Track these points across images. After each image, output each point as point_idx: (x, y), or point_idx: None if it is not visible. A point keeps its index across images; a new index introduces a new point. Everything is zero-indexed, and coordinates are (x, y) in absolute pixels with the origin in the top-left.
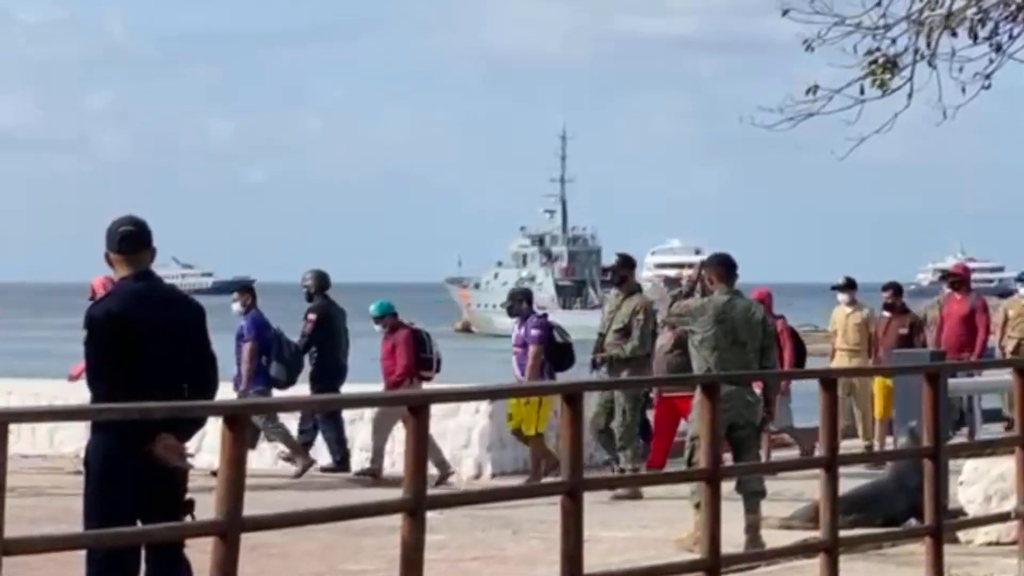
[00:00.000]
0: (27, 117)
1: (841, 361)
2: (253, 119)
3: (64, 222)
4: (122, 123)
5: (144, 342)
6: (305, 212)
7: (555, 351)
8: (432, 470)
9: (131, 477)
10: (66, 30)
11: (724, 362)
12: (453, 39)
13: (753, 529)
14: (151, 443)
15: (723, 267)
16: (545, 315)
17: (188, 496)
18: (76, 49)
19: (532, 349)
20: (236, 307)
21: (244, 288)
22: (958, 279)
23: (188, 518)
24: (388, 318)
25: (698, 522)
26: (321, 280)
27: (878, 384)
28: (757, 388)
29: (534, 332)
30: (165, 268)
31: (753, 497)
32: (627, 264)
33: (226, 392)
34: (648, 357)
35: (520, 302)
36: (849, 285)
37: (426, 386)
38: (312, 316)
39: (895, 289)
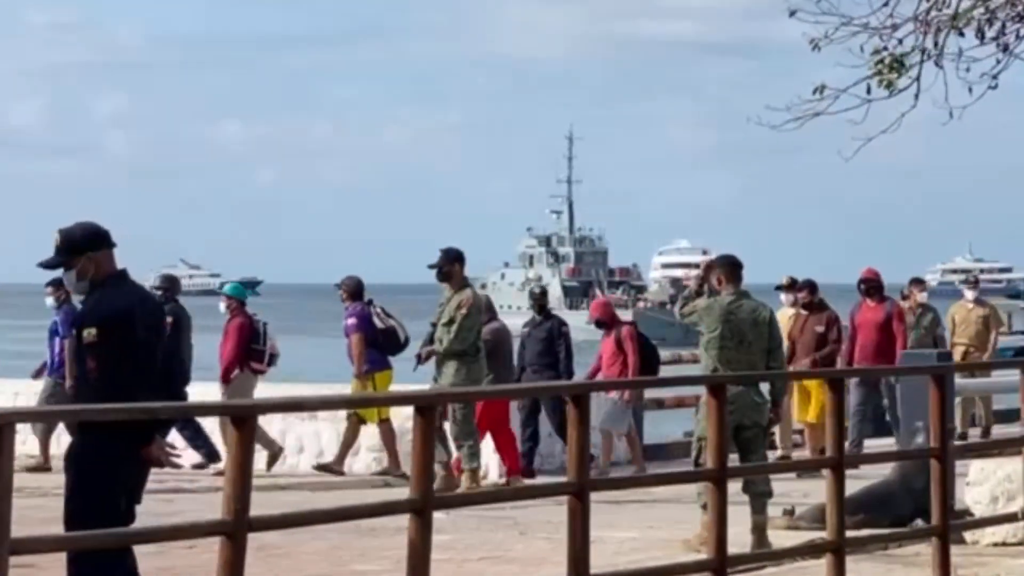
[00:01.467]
0: (35, 120)
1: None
2: (261, 122)
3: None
4: (130, 126)
5: (145, 340)
6: (313, 214)
7: (380, 336)
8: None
9: (127, 477)
10: (74, 33)
11: (730, 362)
12: (460, 43)
13: (759, 530)
14: (150, 444)
15: (730, 268)
16: (368, 302)
17: None
18: (84, 52)
19: (352, 338)
20: (49, 301)
21: (57, 283)
22: (872, 285)
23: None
24: (234, 301)
25: (705, 523)
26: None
27: (806, 387)
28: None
29: (350, 322)
30: (173, 269)
31: (760, 498)
32: (452, 259)
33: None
34: (479, 352)
35: (346, 294)
36: (791, 285)
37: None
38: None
39: (811, 287)
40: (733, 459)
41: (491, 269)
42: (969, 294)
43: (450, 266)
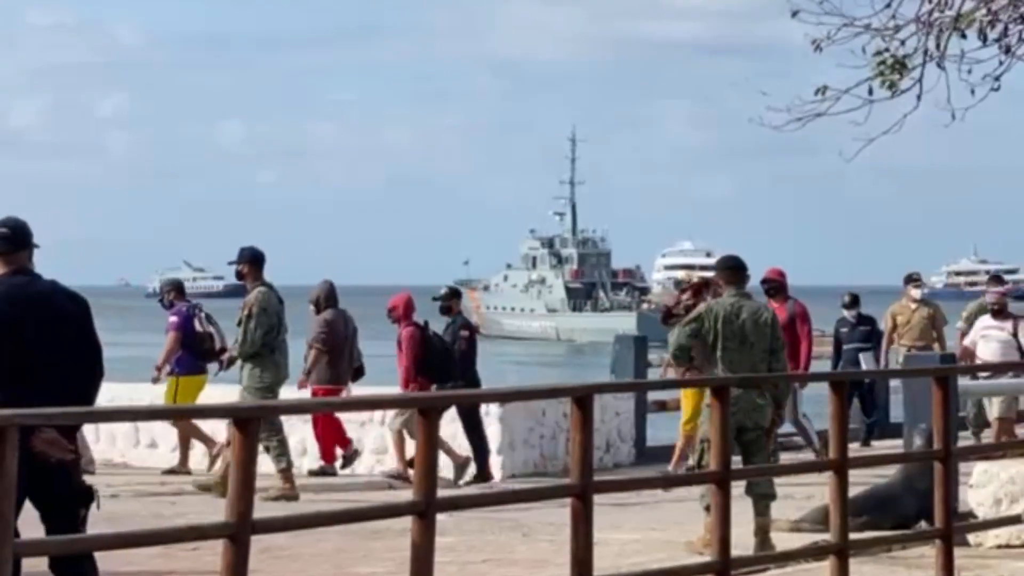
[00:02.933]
0: (36, 121)
1: None
2: (263, 123)
3: (73, 226)
4: (131, 127)
5: (26, 336)
6: (315, 215)
7: (197, 340)
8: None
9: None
10: (75, 34)
11: (732, 363)
12: (462, 44)
13: (763, 532)
14: (30, 439)
15: (731, 270)
16: (193, 305)
17: (88, 485)
18: (84, 53)
19: (168, 336)
20: None
21: None
22: (774, 285)
23: (95, 507)
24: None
25: (708, 524)
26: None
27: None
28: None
29: (171, 319)
30: (177, 271)
31: (763, 500)
32: (246, 258)
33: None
34: (273, 353)
35: (168, 293)
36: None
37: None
38: None
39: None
40: (736, 462)
41: (493, 271)
42: (914, 292)
43: (243, 266)
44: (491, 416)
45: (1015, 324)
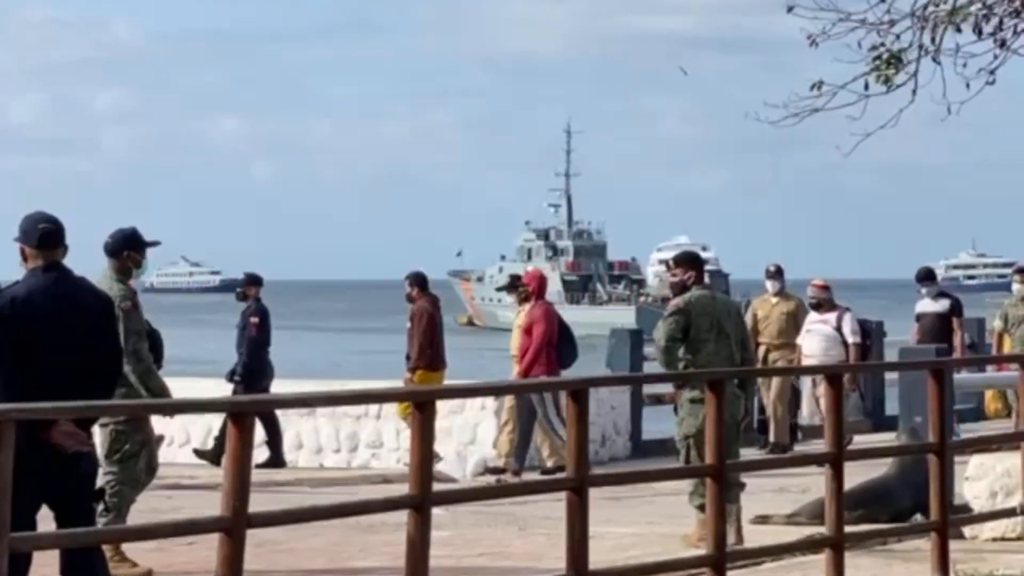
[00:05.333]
0: (34, 116)
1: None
2: (259, 118)
3: (71, 222)
4: (128, 122)
5: (47, 329)
6: (311, 210)
7: None
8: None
9: (34, 467)
10: (72, 30)
11: (711, 355)
12: (459, 39)
13: (733, 518)
14: (48, 431)
15: (698, 264)
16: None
17: (100, 485)
18: (82, 49)
19: None
20: None
21: None
22: (525, 288)
23: (101, 505)
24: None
25: (701, 519)
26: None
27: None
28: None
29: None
30: (174, 266)
31: (733, 489)
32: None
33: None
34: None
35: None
36: (779, 272)
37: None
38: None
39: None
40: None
41: (487, 263)
42: (770, 286)
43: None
44: (487, 410)
45: (839, 317)
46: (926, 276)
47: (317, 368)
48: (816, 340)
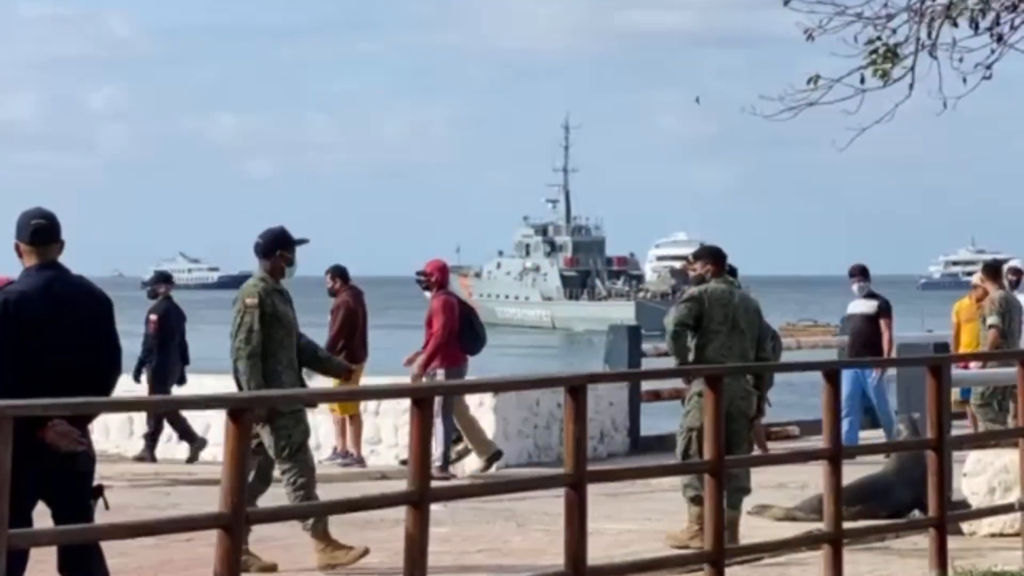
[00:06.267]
0: (31, 113)
1: None
2: (257, 115)
3: (67, 217)
4: (126, 119)
5: (43, 330)
6: (309, 206)
7: None
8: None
9: (30, 465)
10: (70, 26)
11: (724, 349)
12: (457, 35)
13: (732, 525)
14: (43, 429)
15: (717, 258)
16: None
17: (98, 482)
18: (80, 46)
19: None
20: None
21: None
22: (426, 279)
23: (101, 502)
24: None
25: (693, 516)
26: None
27: None
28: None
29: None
30: (172, 263)
31: (738, 493)
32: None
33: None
34: None
35: None
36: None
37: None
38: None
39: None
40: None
41: (484, 259)
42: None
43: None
44: (485, 406)
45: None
46: (857, 272)
47: None
48: None
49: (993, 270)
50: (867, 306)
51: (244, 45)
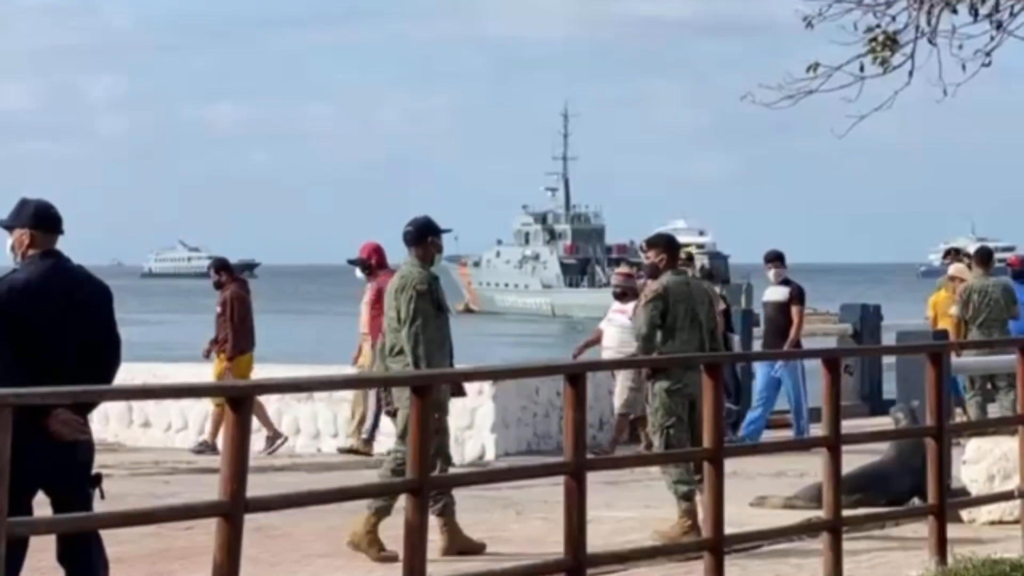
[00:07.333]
0: (31, 102)
1: None
2: (256, 104)
3: (66, 206)
4: (126, 108)
5: (44, 318)
6: (309, 195)
7: None
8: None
9: (30, 454)
10: (69, 16)
11: (686, 345)
12: (457, 24)
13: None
14: (47, 418)
15: (671, 247)
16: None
17: (96, 470)
18: (79, 35)
19: None
20: None
21: None
22: (365, 265)
23: (97, 491)
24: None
25: (684, 511)
26: None
27: None
28: None
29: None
30: (172, 251)
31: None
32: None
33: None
34: None
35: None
36: (690, 259)
37: None
38: None
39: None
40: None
41: (483, 247)
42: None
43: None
44: (484, 395)
45: (636, 307)
46: (773, 258)
47: (319, 352)
48: (613, 331)
49: (980, 257)
50: (780, 293)
51: (243, 34)
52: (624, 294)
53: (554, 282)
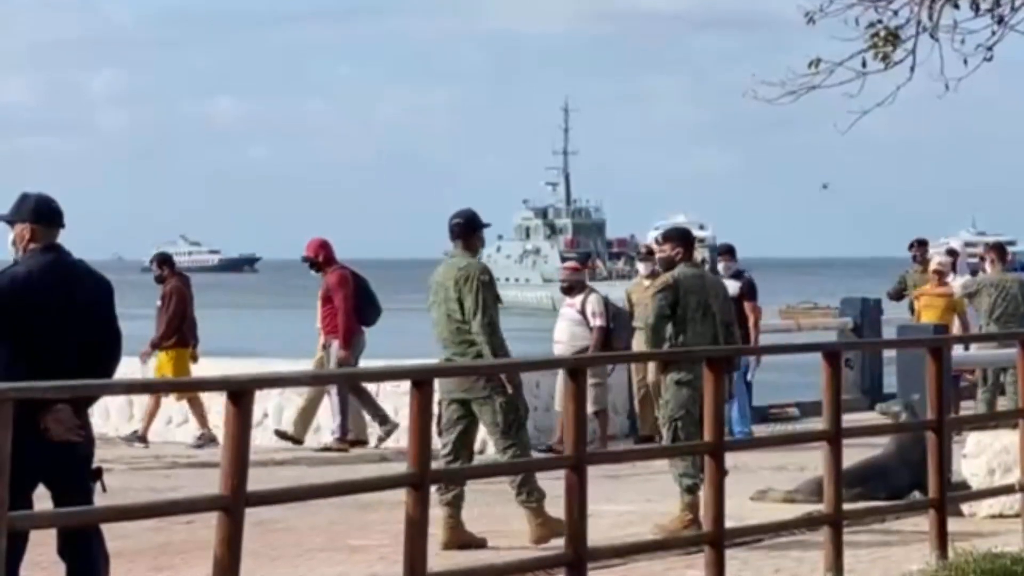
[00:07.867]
0: (30, 97)
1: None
2: (257, 99)
3: (66, 200)
4: (126, 103)
5: (45, 311)
6: (309, 190)
7: None
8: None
9: (30, 447)
10: (67, 11)
11: (698, 336)
12: (457, 19)
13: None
14: (43, 415)
15: (686, 240)
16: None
17: (96, 464)
18: (78, 30)
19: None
20: None
21: None
22: (313, 262)
23: (98, 485)
24: None
25: (686, 504)
26: None
27: None
28: None
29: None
30: (173, 246)
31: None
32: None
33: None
34: None
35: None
36: (650, 254)
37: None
38: None
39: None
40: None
41: (485, 242)
42: (642, 268)
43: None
44: None
45: (584, 300)
46: (724, 252)
47: (308, 349)
48: (563, 325)
49: (997, 252)
50: (732, 287)
51: (243, 29)
52: (571, 288)
53: (555, 276)
